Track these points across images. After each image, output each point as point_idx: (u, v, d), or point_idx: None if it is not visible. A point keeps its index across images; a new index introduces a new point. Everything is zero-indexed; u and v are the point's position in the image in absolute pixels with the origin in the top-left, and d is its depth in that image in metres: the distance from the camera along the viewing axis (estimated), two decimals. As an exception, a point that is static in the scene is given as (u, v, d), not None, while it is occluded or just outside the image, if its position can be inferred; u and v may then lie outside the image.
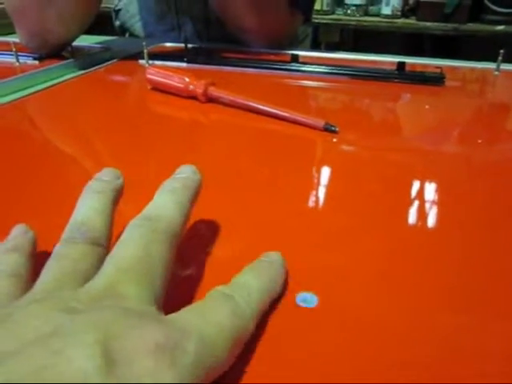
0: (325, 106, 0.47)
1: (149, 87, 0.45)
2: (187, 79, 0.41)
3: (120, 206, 0.19)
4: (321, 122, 0.34)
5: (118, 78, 0.54)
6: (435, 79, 0.48)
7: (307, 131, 0.35)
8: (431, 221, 0.25)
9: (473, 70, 0.57)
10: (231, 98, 0.40)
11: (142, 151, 0.33)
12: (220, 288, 0.16)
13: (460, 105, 0.46)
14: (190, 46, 0.58)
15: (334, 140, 0.34)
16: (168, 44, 0.68)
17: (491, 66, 0.54)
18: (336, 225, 0.24)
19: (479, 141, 0.36)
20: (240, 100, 0.39)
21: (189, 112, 0.41)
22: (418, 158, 0.33)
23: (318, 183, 0.29)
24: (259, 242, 0.22)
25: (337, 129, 0.34)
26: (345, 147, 0.34)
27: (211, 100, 0.41)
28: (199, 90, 0.40)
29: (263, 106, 0.37)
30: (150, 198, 0.18)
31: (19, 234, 0.18)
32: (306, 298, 0.19)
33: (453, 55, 0.66)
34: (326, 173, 0.31)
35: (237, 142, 0.35)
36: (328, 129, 0.34)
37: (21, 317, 0.12)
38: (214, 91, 0.40)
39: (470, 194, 0.28)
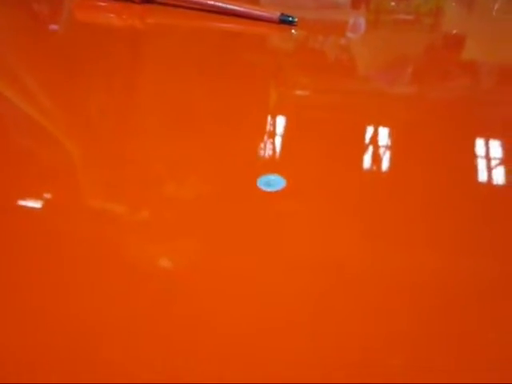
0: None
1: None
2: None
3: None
4: (276, 14, 0.30)
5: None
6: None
7: (262, 26, 0.30)
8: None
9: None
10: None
11: (74, 70, 0.27)
12: None
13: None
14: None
15: (293, 31, 0.29)
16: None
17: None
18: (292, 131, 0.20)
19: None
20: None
21: (122, 18, 0.35)
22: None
23: (275, 82, 0.25)
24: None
25: (295, 19, 0.29)
26: (303, 41, 0.30)
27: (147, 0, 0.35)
28: (132, -13, 0.34)
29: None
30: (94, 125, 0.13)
31: None
32: (270, 181, 0.15)
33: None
34: (283, 67, 0.26)
35: (179, 47, 0.29)
36: (285, 20, 0.30)
37: None
38: (149, -13, 0.34)
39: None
